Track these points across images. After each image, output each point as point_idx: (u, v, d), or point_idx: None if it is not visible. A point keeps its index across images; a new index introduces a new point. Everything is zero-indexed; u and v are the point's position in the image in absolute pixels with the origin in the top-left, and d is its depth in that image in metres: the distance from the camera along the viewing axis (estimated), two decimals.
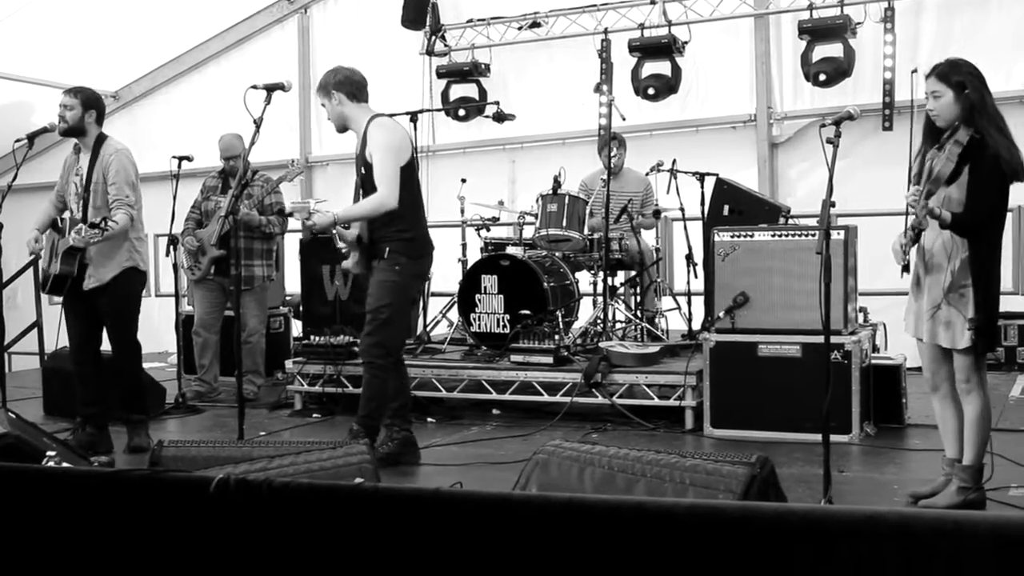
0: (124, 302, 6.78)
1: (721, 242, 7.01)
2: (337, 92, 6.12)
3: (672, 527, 2.09)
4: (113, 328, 6.74)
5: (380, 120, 6.13)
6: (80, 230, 6.24)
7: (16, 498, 2.96)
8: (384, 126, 6.09)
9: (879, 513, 1.93)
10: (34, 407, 8.28)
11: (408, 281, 6.14)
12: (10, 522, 2.95)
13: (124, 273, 6.66)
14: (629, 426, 7.22)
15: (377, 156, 5.96)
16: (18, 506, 2.95)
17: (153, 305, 13.21)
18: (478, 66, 11.88)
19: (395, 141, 6.04)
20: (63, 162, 6.88)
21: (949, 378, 5.05)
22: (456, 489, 2.44)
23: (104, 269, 6.59)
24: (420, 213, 6.29)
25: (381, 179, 5.93)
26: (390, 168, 5.94)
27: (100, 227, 6.23)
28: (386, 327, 6.06)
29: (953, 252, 4.88)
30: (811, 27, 10.09)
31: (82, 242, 6.26)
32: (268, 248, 8.85)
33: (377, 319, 6.06)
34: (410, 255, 6.11)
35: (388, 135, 6.03)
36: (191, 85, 14.11)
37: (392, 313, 6.04)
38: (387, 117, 6.20)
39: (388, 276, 6.05)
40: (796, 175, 11.04)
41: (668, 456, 3.72)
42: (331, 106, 6.17)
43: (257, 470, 3.98)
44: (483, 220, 9.29)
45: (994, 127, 4.81)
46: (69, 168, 6.78)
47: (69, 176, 6.74)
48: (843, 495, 5.23)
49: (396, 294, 6.06)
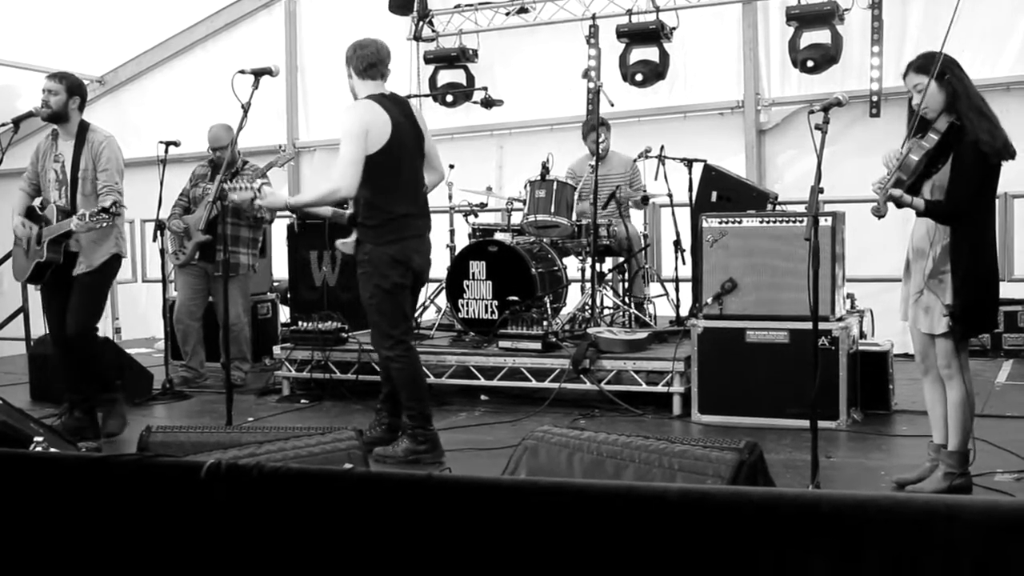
0: (102, 285, 6.77)
1: (709, 228, 7.02)
2: (348, 66, 6.04)
3: (663, 511, 2.09)
4: (83, 307, 6.59)
5: (358, 103, 5.96)
6: (84, 216, 6.17)
7: (3, 484, 2.95)
8: (354, 110, 5.91)
9: (871, 498, 1.94)
10: (21, 393, 8.26)
11: (379, 268, 5.90)
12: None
13: (110, 260, 6.66)
14: (617, 412, 7.24)
15: (341, 142, 5.81)
16: (5, 492, 2.94)
17: (140, 291, 13.24)
18: (466, 52, 11.86)
19: (357, 126, 5.79)
20: (36, 148, 6.81)
21: (937, 363, 5.07)
22: (446, 474, 2.44)
23: (94, 255, 6.57)
24: (397, 198, 5.97)
25: (336, 164, 5.82)
26: (346, 155, 5.75)
27: (110, 211, 6.17)
28: (377, 316, 6.00)
29: (935, 238, 4.91)
30: (799, 13, 10.09)
31: (85, 228, 6.21)
32: (254, 237, 8.83)
33: (369, 313, 6.04)
34: (376, 241, 5.90)
35: (350, 121, 5.83)
36: (177, 70, 14.07)
37: (378, 302, 5.95)
38: (373, 100, 5.93)
39: (362, 268, 5.98)
40: (784, 161, 11.07)
41: (656, 442, 3.72)
42: (350, 81, 6.09)
43: (246, 456, 3.98)
44: (471, 206, 9.29)
45: (974, 110, 4.81)
46: (44, 154, 6.71)
47: (45, 163, 6.67)
48: (830, 480, 5.25)
49: (371, 282, 5.93)
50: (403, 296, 6.03)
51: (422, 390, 6.12)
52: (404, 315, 6.11)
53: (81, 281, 6.57)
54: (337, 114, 6.14)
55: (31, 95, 8.15)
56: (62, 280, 6.58)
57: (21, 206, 6.77)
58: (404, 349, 6.06)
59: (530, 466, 3.96)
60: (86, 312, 6.61)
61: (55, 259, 6.50)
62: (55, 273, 6.59)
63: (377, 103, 5.91)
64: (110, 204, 6.19)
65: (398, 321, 6.07)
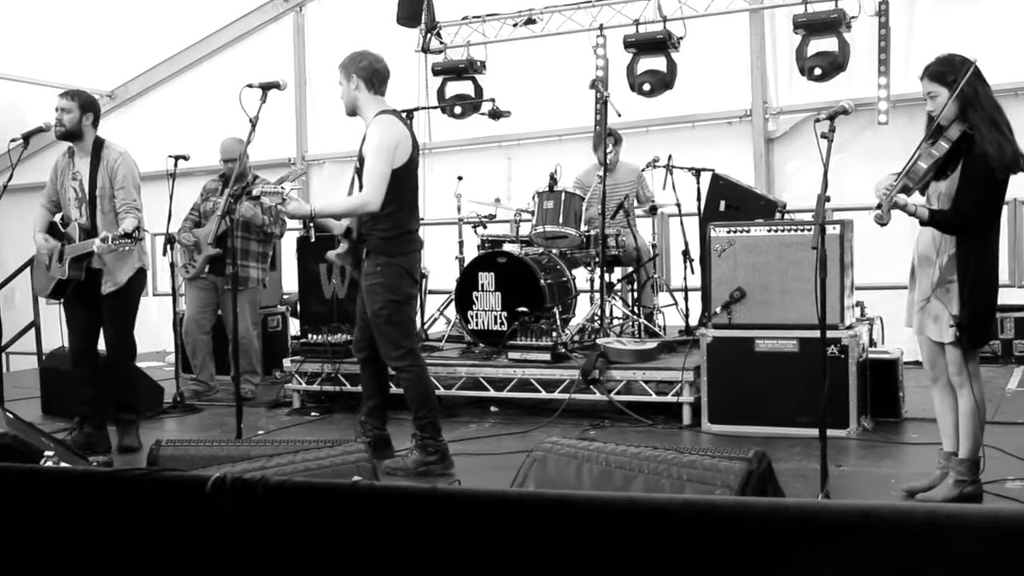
0: (133, 303, 6.85)
1: (717, 237, 7.02)
2: (357, 77, 5.98)
3: (666, 523, 2.10)
4: (116, 327, 6.73)
5: (381, 118, 5.94)
6: (107, 239, 6.19)
7: (14, 498, 2.97)
8: (381, 124, 5.90)
9: (873, 507, 1.94)
10: (32, 407, 8.30)
11: (393, 280, 5.93)
12: (8, 522, 2.95)
13: (136, 274, 6.71)
14: (627, 422, 7.24)
15: (369, 155, 5.84)
16: (16, 506, 2.95)
17: (151, 304, 13.25)
18: (474, 63, 11.87)
19: (389, 140, 5.85)
20: (54, 165, 6.84)
21: (947, 370, 5.06)
22: (452, 487, 2.44)
23: (120, 272, 6.61)
24: (410, 212, 6.08)
25: (367, 179, 5.82)
26: (378, 169, 5.79)
27: (133, 236, 6.21)
28: (388, 328, 5.95)
29: (942, 247, 4.90)
30: (806, 21, 10.08)
31: (107, 251, 6.24)
32: (264, 252, 8.85)
33: (377, 326, 5.98)
34: (388, 253, 5.92)
35: (382, 134, 5.86)
36: (187, 84, 14.12)
37: (389, 313, 5.92)
38: (391, 115, 6.00)
39: (373, 279, 5.94)
40: (792, 170, 11.06)
41: (665, 452, 3.72)
42: (347, 88, 6.02)
43: (255, 469, 3.99)
44: (480, 217, 9.30)
45: (987, 122, 4.79)
46: (62, 172, 6.74)
47: (64, 180, 6.71)
48: (840, 489, 5.24)
49: (385, 295, 5.92)
50: (412, 307, 6.07)
51: (432, 400, 6.11)
52: (413, 325, 6.14)
53: (111, 305, 6.65)
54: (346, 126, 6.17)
55: (41, 110, 8.20)
56: (84, 295, 6.62)
57: (43, 223, 6.80)
58: (414, 359, 6.08)
59: (539, 477, 3.96)
60: (122, 337, 6.77)
61: (76, 277, 6.53)
62: (77, 288, 6.62)
63: (397, 118, 6.01)
64: (132, 229, 6.22)
65: (409, 332, 6.11)
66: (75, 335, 6.82)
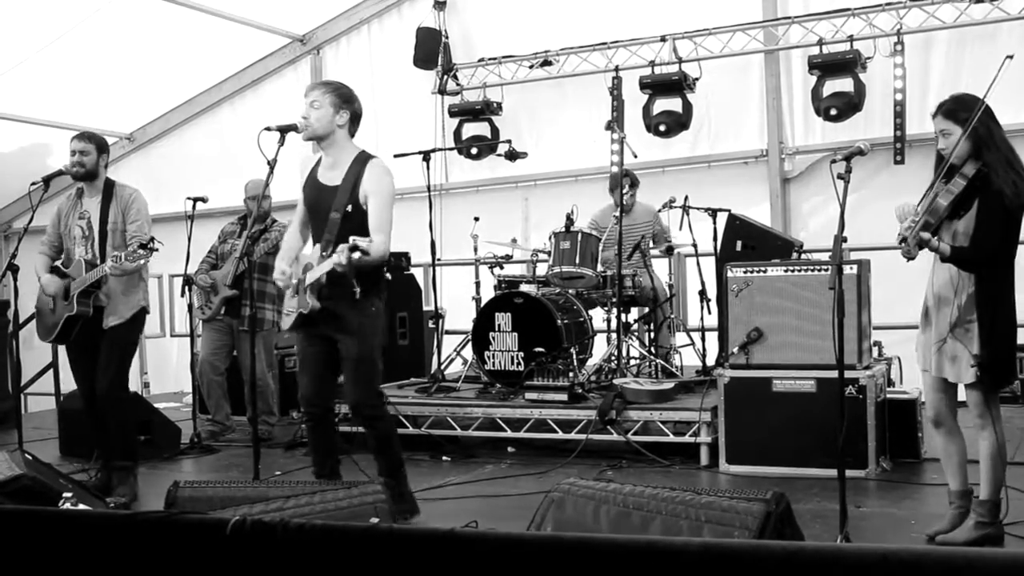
0: (132, 341, 6.82)
1: (734, 278, 7.02)
2: (347, 112, 5.69)
3: (684, 566, 2.09)
4: (111, 361, 6.57)
5: (379, 162, 5.69)
6: (118, 258, 6.22)
7: (33, 540, 2.98)
8: (387, 171, 5.67)
9: (892, 551, 1.93)
10: (50, 448, 8.31)
11: (381, 325, 5.77)
12: (27, 564, 2.96)
13: (139, 313, 6.71)
14: (644, 463, 7.21)
15: (379, 202, 5.56)
16: (35, 548, 2.96)
17: (170, 345, 13.34)
18: (490, 105, 11.95)
19: (393, 190, 5.67)
20: (56, 210, 6.83)
21: (951, 411, 5.06)
22: (470, 529, 2.44)
23: (124, 307, 6.60)
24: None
25: (380, 227, 5.52)
26: (389, 215, 5.58)
27: (148, 247, 6.23)
28: (373, 372, 5.74)
29: (960, 286, 4.89)
30: (821, 62, 10.13)
31: (121, 269, 6.25)
32: (280, 293, 8.85)
33: (363, 370, 5.68)
34: (379, 297, 5.71)
35: (390, 182, 5.66)
36: (205, 127, 14.21)
37: (375, 359, 5.70)
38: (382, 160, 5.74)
39: (367, 322, 5.63)
40: (808, 210, 11.05)
41: (683, 493, 3.72)
42: (331, 116, 5.63)
43: (273, 510, 4.00)
44: (496, 258, 9.32)
45: (1002, 161, 4.81)
46: (67, 213, 6.73)
47: (69, 221, 6.70)
48: (860, 531, 5.20)
49: (375, 339, 5.69)
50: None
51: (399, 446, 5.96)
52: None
53: (111, 337, 6.58)
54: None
55: (62, 153, 8.25)
56: (89, 338, 6.59)
57: (45, 269, 6.76)
58: (384, 404, 6.01)
59: (556, 519, 3.96)
60: (115, 370, 6.60)
61: (85, 312, 6.51)
62: (82, 331, 6.59)
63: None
64: (147, 240, 6.25)
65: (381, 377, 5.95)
66: (81, 380, 6.78)
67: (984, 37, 10.03)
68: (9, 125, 13.22)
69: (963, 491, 5.10)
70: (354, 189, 5.60)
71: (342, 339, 5.64)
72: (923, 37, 10.26)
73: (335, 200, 5.63)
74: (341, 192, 5.63)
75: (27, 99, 12.64)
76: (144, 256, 6.24)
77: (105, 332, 6.56)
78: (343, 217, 5.59)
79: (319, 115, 5.64)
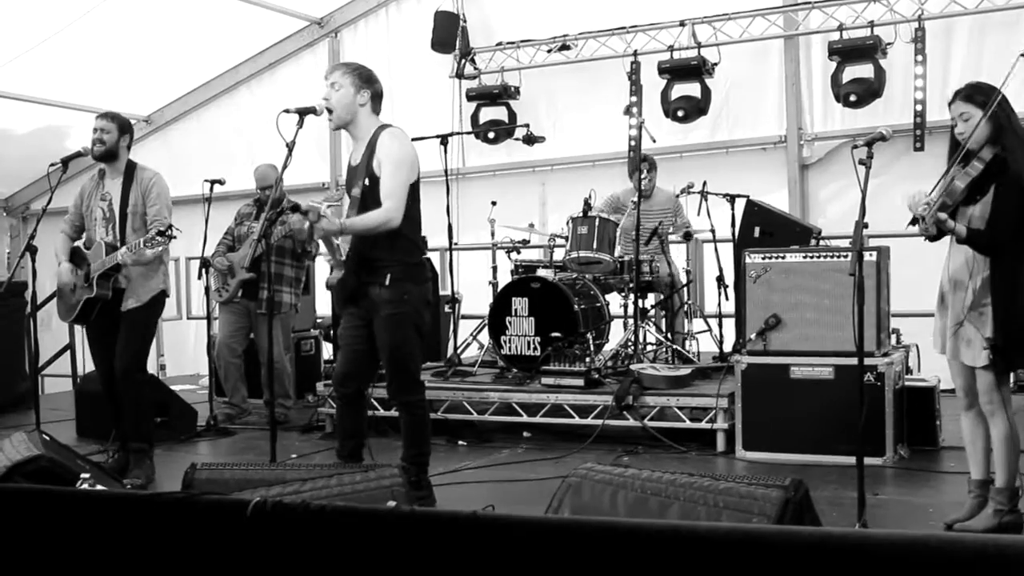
0: (150, 324, 6.81)
1: (752, 264, 6.99)
2: (368, 91, 5.62)
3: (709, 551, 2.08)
4: (129, 343, 6.58)
5: (394, 130, 5.60)
6: (134, 245, 6.23)
7: (50, 521, 2.98)
8: (398, 137, 5.55)
9: (920, 537, 1.92)
10: (67, 429, 8.34)
11: (416, 309, 5.58)
12: (44, 545, 2.96)
13: (158, 296, 6.71)
14: (661, 449, 7.20)
15: (389, 168, 5.44)
16: (52, 529, 2.96)
17: (187, 328, 13.37)
18: (508, 89, 11.91)
19: (409, 155, 5.53)
20: (79, 190, 6.84)
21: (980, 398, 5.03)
22: (492, 512, 2.43)
23: (142, 290, 6.60)
24: (419, 235, 5.80)
25: (390, 193, 5.41)
26: (401, 182, 5.43)
27: (166, 234, 6.23)
28: (411, 362, 5.67)
29: (975, 270, 4.87)
30: (841, 48, 10.07)
31: (135, 257, 6.25)
32: (297, 276, 8.90)
33: (398, 359, 5.61)
34: (415, 280, 5.59)
35: (403, 147, 5.52)
36: (223, 109, 14.22)
37: (413, 346, 5.62)
38: (399, 128, 5.69)
39: (398, 308, 5.50)
40: (826, 196, 11.00)
41: (701, 479, 3.70)
42: (352, 97, 5.57)
43: (290, 493, 4.00)
44: (513, 242, 9.30)
45: (1021, 146, 4.80)
46: (89, 194, 6.73)
47: (91, 202, 6.70)
48: (877, 519, 5.19)
49: (411, 327, 5.58)
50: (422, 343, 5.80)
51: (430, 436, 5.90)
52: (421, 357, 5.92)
53: (130, 318, 6.58)
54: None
55: (80, 134, 8.27)
56: (108, 320, 6.60)
57: (65, 249, 6.77)
58: (424, 394, 5.89)
59: (573, 504, 3.94)
60: (133, 351, 6.60)
61: (104, 295, 6.51)
62: (101, 312, 6.60)
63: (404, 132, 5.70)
64: (165, 227, 6.24)
65: (420, 364, 5.86)
66: (101, 362, 6.81)
67: (1007, 24, 9.94)
68: (27, 107, 13.24)
69: (983, 480, 5.09)
70: (370, 162, 5.54)
71: (375, 323, 5.57)
72: (944, 23, 10.18)
73: (355, 177, 5.64)
74: (360, 168, 5.61)
75: (45, 81, 12.66)
76: (162, 243, 6.23)
77: (124, 314, 6.57)
78: (362, 192, 5.57)
79: (340, 96, 5.59)
